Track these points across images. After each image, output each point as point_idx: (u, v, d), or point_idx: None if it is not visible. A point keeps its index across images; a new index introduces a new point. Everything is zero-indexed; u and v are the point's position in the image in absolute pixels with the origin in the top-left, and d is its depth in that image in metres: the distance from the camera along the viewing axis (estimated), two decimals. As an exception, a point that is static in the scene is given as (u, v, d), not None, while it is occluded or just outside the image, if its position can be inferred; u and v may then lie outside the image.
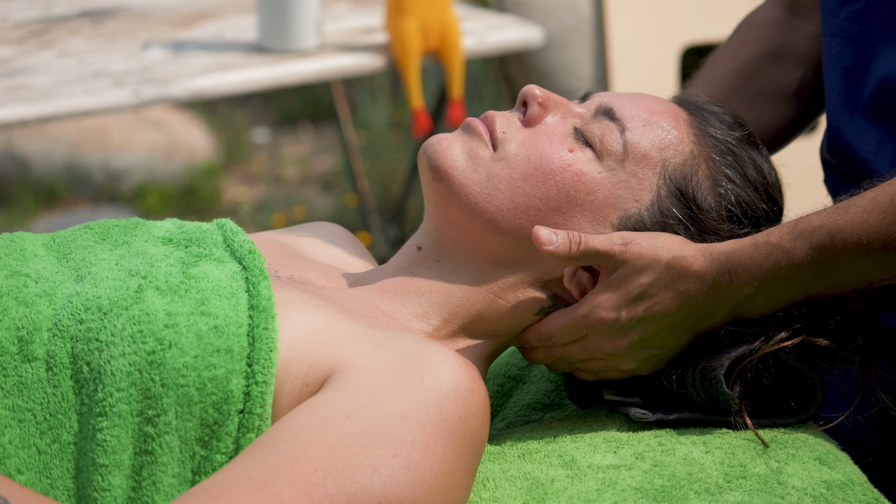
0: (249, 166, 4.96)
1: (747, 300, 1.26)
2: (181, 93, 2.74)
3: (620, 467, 1.25)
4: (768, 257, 1.24)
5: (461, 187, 1.32)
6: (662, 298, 1.26)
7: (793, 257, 1.23)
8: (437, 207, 1.34)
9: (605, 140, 1.32)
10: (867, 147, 1.44)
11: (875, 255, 1.21)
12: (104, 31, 3.07)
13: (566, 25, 3.21)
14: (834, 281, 1.24)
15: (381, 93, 5.01)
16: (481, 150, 1.33)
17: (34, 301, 1.21)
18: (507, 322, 1.34)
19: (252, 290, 1.21)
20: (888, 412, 1.32)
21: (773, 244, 1.24)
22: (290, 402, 1.19)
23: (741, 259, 1.25)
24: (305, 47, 2.90)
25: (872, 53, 1.43)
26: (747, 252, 1.25)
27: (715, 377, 1.28)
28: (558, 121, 1.35)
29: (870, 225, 1.21)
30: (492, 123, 1.34)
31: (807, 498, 1.21)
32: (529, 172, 1.31)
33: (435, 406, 1.16)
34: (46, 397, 1.18)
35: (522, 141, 1.33)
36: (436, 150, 1.33)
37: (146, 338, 1.17)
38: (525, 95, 1.35)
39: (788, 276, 1.24)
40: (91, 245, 1.30)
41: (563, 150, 1.32)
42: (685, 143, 1.34)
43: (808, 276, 1.24)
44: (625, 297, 1.27)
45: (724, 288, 1.25)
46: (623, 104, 1.35)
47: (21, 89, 2.69)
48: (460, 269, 1.34)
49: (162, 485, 1.17)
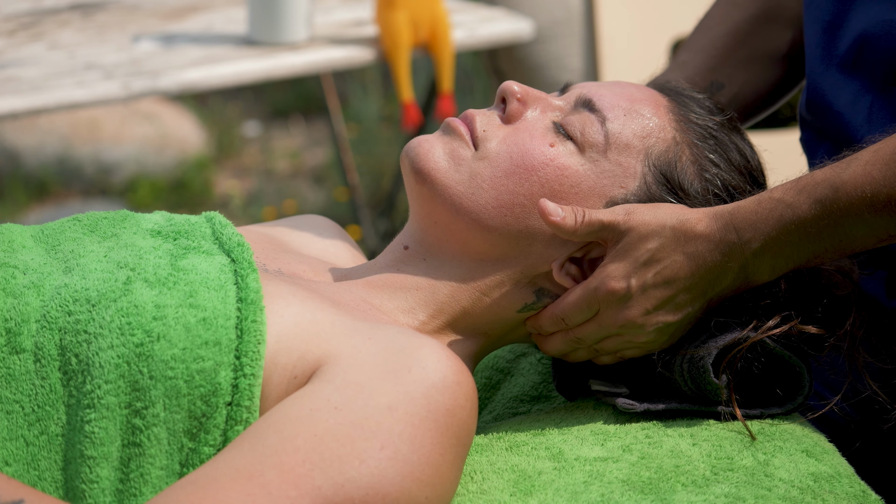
0: (240, 159, 4.96)
1: (755, 258, 1.24)
2: (171, 85, 2.73)
3: (608, 459, 1.26)
4: (772, 212, 1.23)
5: (444, 188, 1.32)
6: (671, 262, 1.25)
7: (797, 211, 1.22)
8: (422, 209, 1.34)
9: (586, 132, 1.32)
10: (844, 100, 1.44)
11: (880, 208, 1.20)
12: (94, 24, 3.07)
13: (556, 18, 3.21)
14: (841, 238, 1.22)
15: (371, 86, 5.01)
16: (462, 149, 1.33)
17: (22, 292, 1.21)
18: (492, 319, 1.34)
19: (240, 282, 1.22)
20: (875, 399, 1.32)
21: (776, 199, 1.23)
22: (279, 395, 1.19)
23: (745, 215, 1.24)
24: (295, 40, 2.89)
25: (850, 7, 1.43)
26: (751, 208, 1.24)
27: (703, 366, 1.28)
28: (538, 115, 1.35)
29: (873, 177, 1.20)
30: (472, 122, 1.34)
31: (794, 490, 1.21)
32: (512, 169, 1.31)
33: (423, 397, 1.16)
34: (34, 389, 1.18)
35: (503, 138, 1.33)
36: (417, 152, 1.33)
37: (134, 330, 1.17)
38: (503, 92, 1.35)
39: (794, 231, 1.23)
40: (79, 237, 1.30)
41: (544, 144, 1.32)
42: (667, 130, 1.34)
43: (814, 232, 1.22)
44: (633, 264, 1.26)
45: (732, 246, 1.24)
46: (602, 94, 1.35)
47: (11, 81, 2.69)
48: (447, 266, 1.34)
49: (150, 477, 1.17)
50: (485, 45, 3.10)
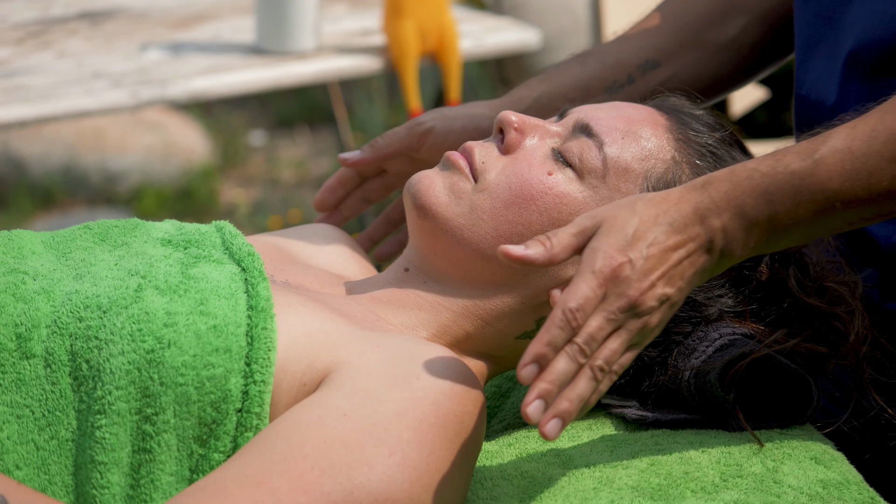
0: (246, 169, 4.97)
1: (733, 232, 1.18)
2: (179, 94, 2.74)
3: (617, 466, 1.26)
4: (747, 179, 1.17)
5: (445, 222, 1.33)
6: (656, 234, 1.16)
7: (772, 181, 1.17)
8: (424, 241, 1.35)
9: (584, 158, 1.32)
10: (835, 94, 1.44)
11: (857, 178, 1.16)
12: (102, 33, 3.07)
13: (563, 28, 3.22)
14: (809, 210, 1.17)
15: (377, 95, 5.02)
16: (462, 183, 1.33)
17: (33, 298, 1.21)
18: (498, 344, 1.34)
19: (251, 290, 1.22)
20: (881, 414, 1.31)
21: (750, 168, 1.18)
22: (288, 402, 1.19)
23: (718, 182, 1.18)
24: (303, 49, 2.90)
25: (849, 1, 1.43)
26: (723, 175, 1.18)
27: (709, 381, 1.28)
28: (536, 143, 1.34)
29: (852, 153, 1.16)
30: (470, 155, 1.35)
31: (803, 497, 1.21)
32: (511, 200, 1.31)
33: (431, 404, 1.16)
34: (45, 394, 1.18)
35: (502, 169, 1.33)
36: (419, 188, 1.34)
37: (145, 336, 1.18)
38: (500, 123, 1.35)
39: (766, 201, 1.17)
40: (90, 245, 1.31)
41: (542, 173, 1.32)
42: (666, 150, 1.34)
43: (787, 202, 1.17)
44: (623, 239, 1.15)
45: (709, 214, 1.17)
46: (599, 118, 1.34)
47: (19, 90, 2.70)
48: (448, 291, 1.34)
49: (160, 483, 1.17)
50: (492, 54, 3.11)
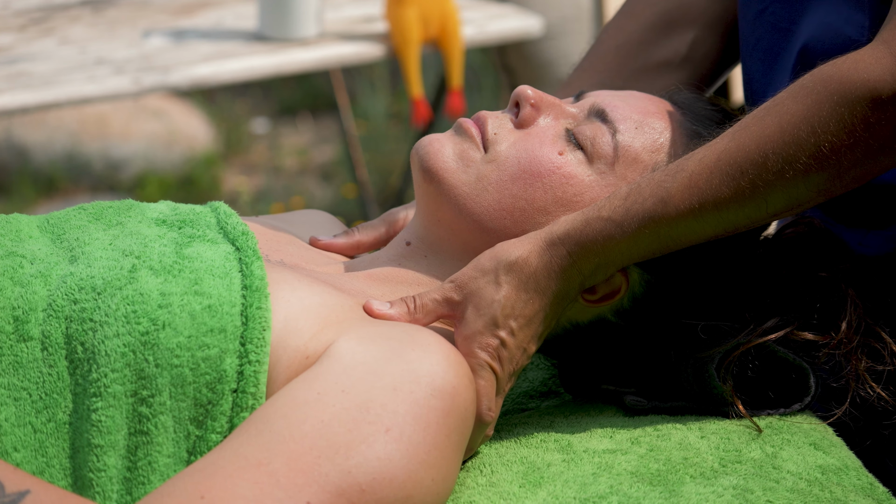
0: (249, 156, 4.96)
1: (592, 274, 1.26)
2: (181, 81, 2.74)
3: (616, 451, 1.26)
4: (601, 232, 1.24)
5: (451, 188, 1.32)
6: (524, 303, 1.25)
7: (626, 230, 1.23)
8: (428, 206, 1.35)
9: (597, 142, 1.32)
10: None
11: (707, 215, 1.21)
12: (105, 19, 3.07)
13: (566, 15, 3.21)
14: (669, 244, 1.24)
15: (380, 83, 5.01)
16: (472, 151, 1.33)
17: (29, 281, 1.21)
18: None
19: (245, 269, 1.22)
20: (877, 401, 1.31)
21: (605, 219, 1.24)
22: (290, 376, 1.19)
23: (576, 238, 1.24)
24: (305, 36, 2.90)
25: (803, 11, 1.42)
26: (580, 229, 1.24)
27: (707, 371, 1.28)
28: (551, 122, 1.35)
29: (699, 188, 1.21)
30: (483, 124, 1.35)
31: (801, 482, 1.21)
32: (518, 174, 1.31)
33: (427, 376, 1.17)
34: (42, 377, 1.18)
35: (513, 143, 1.33)
36: (427, 150, 1.34)
37: (140, 318, 1.17)
38: (517, 96, 1.35)
39: (623, 245, 1.24)
40: (85, 225, 1.31)
41: (553, 152, 1.32)
42: (677, 145, 1.34)
43: (644, 244, 1.24)
44: (491, 321, 1.24)
45: (567, 270, 1.24)
46: (616, 105, 1.35)
47: (22, 76, 2.70)
48: (447, 265, 1.34)
49: (157, 465, 1.17)
50: (494, 41, 3.11)
